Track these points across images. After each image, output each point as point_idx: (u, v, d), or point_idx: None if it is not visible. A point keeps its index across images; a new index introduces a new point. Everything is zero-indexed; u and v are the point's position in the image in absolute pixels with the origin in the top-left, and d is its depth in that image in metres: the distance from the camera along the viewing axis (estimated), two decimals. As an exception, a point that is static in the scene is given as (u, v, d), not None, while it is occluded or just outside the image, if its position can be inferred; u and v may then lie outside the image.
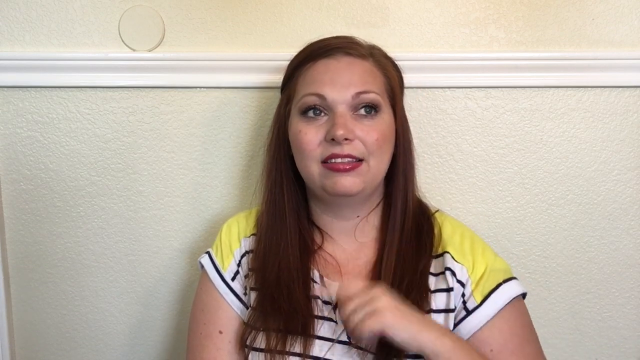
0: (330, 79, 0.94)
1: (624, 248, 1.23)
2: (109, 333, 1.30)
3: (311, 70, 0.97)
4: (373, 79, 0.97)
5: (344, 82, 0.94)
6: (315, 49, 0.98)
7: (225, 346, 0.99)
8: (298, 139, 0.95)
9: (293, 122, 0.98)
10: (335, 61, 0.96)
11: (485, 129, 1.20)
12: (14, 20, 1.19)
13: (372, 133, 0.93)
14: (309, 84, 0.96)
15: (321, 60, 0.97)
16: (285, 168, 1.01)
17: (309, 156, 0.94)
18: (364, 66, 0.97)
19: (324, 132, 0.94)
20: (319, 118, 0.95)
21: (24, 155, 1.24)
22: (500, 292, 0.94)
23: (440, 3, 1.17)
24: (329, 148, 0.93)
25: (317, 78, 0.95)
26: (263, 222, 1.02)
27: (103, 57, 1.19)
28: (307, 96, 0.95)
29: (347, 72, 0.95)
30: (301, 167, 0.97)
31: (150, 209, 1.25)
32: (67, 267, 1.28)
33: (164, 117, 1.22)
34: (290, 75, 1.01)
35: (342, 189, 0.93)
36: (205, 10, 1.18)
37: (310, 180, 0.97)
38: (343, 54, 0.96)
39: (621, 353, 1.26)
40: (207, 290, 1.03)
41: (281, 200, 1.00)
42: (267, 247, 1.00)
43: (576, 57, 1.17)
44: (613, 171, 1.21)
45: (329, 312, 0.96)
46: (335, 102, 0.94)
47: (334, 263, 1.00)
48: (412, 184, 1.01)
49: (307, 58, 0.98)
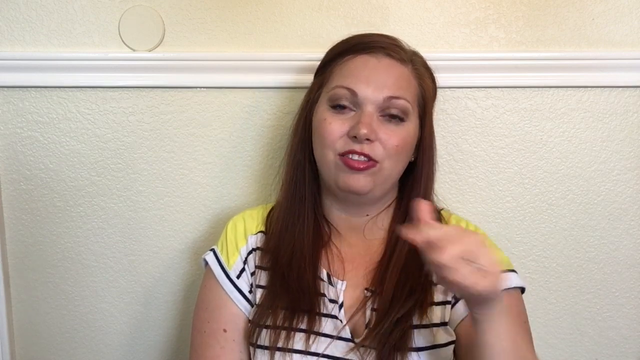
0: (365, 76, 0.95)
1: (624, 248, 1.23)
2: (109, 333, 1.30)
3: (349, 63, 0.97)
4: (407, 86, 0.97)
5: (379, 82, 0.94)
6: (358, 43, 0.99)
7: (229, 344, 0.99)
8: (322, 127, 0.96)
9: (320, 108, 0.98)
10: (375, 60, 0.96)
11: (485, 129, 1.20)
12: (14, 20, 1.19)
13: (394, 139, 0.94)
14: (344, 76, 0.96)
15: (361, 56, 0.97)
16: (309, 153, 1.01)
17: (329, 146, 0.95)
18: (401, 71, 0.97)
19: (348, 126, 0.94)
20: (346, 112, 0.96)
21: (24, 155, 1.24)
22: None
23: (440, 3, 1.17)
24: (349, 143, 0.94)
25: (354, 72, 0.96)
26: (282, 202, 1.03)
27: (103, 57, 1.19)
28: (339, 88, 0.96)
29: (383, 73, 0.95)
30: (318, 154, 0.98)
31: (150, 209, 1.25)
32: (67, 267, 1.28)
33: (164, 117, 1.22)
34: (327, 63, 1.01)
35: (353, 187, 0.94)
36: (205, 10, 1.18)
37: (325, 169, 0.97)
38: (384, 54, 0.97)
39: (621, 353, 1.26)
40: (211, 288, 1.03)
41: (302, 183, 1.02)
42: (284, 227, 1.01)
43: (576, 57, 1.17)
44: (613, 171, 1.21)
45: (334, 310, 0.96)
46: (365, 101, 0.94)
47: (341, 259, 1.01)
48: (430, 193, 1.02)
49: (348, 50, 0.99)
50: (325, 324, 0.95)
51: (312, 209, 1.02)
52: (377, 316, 0.93)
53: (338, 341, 0.93)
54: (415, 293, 0.94)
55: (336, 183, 0.96)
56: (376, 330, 0.91)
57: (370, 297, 0.96)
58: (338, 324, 0.95)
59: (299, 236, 0.99)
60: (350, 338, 0.93)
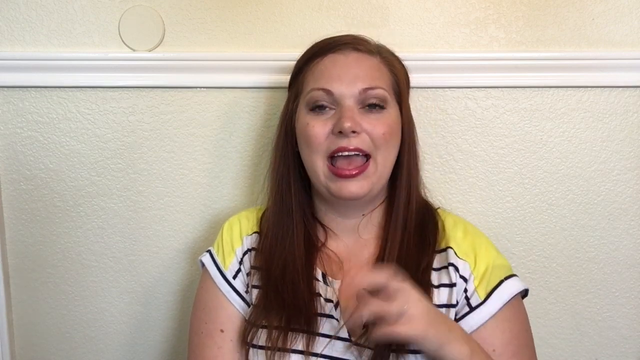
0: (337, 74, 0.95)
1: (624, 248, 1.23)
2: (109, 333, 1.30)
3: (319, 65, 0.98)
4: (380, 75, 0.97)
5: (352, 76, 0.95)
6: (323, 45, 0.99)
7: (226, 344, 0.99)
8: (306, 132, 0.96)
9: (300, 116, 0.98)
10: (343, 56, 0.97)
11: (485, 129, 1.20)
12: (14, 20, 1.19)
13: (379, 127, 0.94)
14: (316, 79, 0.97)
15: (329, 56, 0.97)
16: (293, 165, 1.01)
17: (316, 149, 0.95)
18: (371, 62, 0.98)
19: (331, 125, 0.94)
20: (326, 112, 0.96)
21: (24, 155, 1.24)
22: (503, 288, 0.94)
23: (440, 3, 1.17)
24: (336, 141, 0.93)
25: (325, 73, 0.96)
26: (269, 218, 1.02)
27: (103, 57, 1.19)
28: (314, 91, 0.96)
29: (354, 67, 0.96)
30: (307, 162, 0.98)
31: (150, 209, 1.25)
32: (67, 267, 1.28)
33: (164, 117, 1.22)
34: (297, 72, 1.02)
35: (349, 194, 0.94)
36: (205, 10, 1.18)
37: (316, 177, 0.97)
38: (351, 49, 0.97)
39: (621, 353, 1.26)
40: (208, 289, 1.03)
41: (288, 196, 1.01)
42: (273, 243, 1.00)
43: (576, 57, 1.17)
44: (613, 171, 1.21)
45: (330, 309, 0.96)
46: (342, 97, 0.94)
47: (337, 260, 1.00)
48: (415, 182, 1.01)
49: (315, 54, 0.99)
50: (323, 324, 0.95)
51: (302, 221, 1.01)
52: None
53: (336, 341, 0.93)
54: None
55: (329, 192, 0.96)
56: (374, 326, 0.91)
57: None
58: (335, 324, 0.95)
59: (290, 250, 0.99)
60: (347, 338, 0.93)
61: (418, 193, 1.02)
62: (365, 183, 0.94)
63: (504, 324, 0.93)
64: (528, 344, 0.95)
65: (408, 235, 0.98)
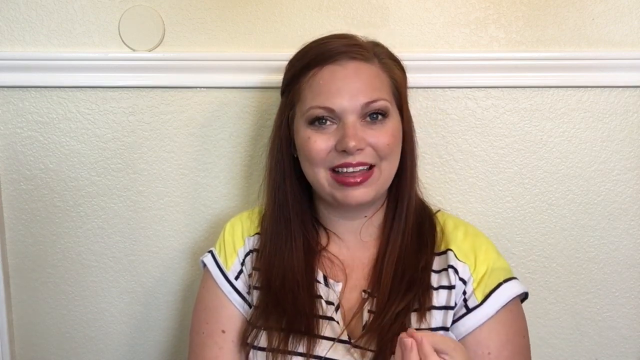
0: (337, 89, 0.92)
1: (624, 248, 1.23)
2: (109, 333, 1.30)
3: (317, 78, 0.94)
4: (381, 84, 0.95)
5: (353, 91, 0.92)
6: (318, 54, 0.95)
7: (227, 345, 0.99)
8: (307, 147, 0.94)
9: (300, 128, 0.96)
10: (341, 68, 0.93)
11: (485, 129, 1.20)
12: (14, 20, 1.19)
13: (383, 138, 0.93)
14: (316, 95, 0.94)
15: (326, 67, 0.94)
16: (289, 170, 1.00)
17: (319, 164, 0.94)
18: (370, 71, 0.95)
19: (334, 141, 0.93)
20: (327, 126, 0.94)
21: (24, 155, 1.24)
22: (501, 291, 0.94)
23: (440, 3, 1.17)
24: (339, 157, 0.93)
25: (324, 89, 0.93)
26: (267, 226, 1.01)
27: (103, 57, 1.19)
28: (314, 109, 0.93)
29: (354, 80, 0.93)
30: (309, 174, 0.97)
31: (150, 209, 1.25)
32: (67, 267, 1.28)
33: (164, 117, 1.22)
34: (293, 79, 0.98)
35: (355, 202, 0.94)
36: (205, 10, 1.18)
37: (319, 186, 0.96)
38: (348, 58, 0.94)
39: (621, 353, 1.26)
40: (209, 289, 1.03)
41: (285, 204, 1.00)
42: (272, 253, 0.99)
43: (576, 57, 1.17)
44: (613, 171, 1.21)
45: (332, 312, 0.96)
46: (344, 112, 0.92)
47: (338, 262, 1.00)
48: (415, 183, 1.01)
49: (310, 63, 0.95)
50: (324, 327, 0.94)
51: (300, 229, 1.00)
52: (374, 318, 0.93)
53: (338, 344, 0.93)
54: (414, 285, 0.93)
55: (334, 199, 0.95)
56: (374, 326, 0.91)
57: (368, 298, 0.96)
58: (336, 327, 0.95)
59: (289, 259, 0.98)
60: (347, 340, 0.93)
61: (416, 193, 1.02)
62: (371, 190, 0.94)
63: (499, 328, 0.92)
64: (522, 351, 0.95)
65: (408, 235, 0.98)
